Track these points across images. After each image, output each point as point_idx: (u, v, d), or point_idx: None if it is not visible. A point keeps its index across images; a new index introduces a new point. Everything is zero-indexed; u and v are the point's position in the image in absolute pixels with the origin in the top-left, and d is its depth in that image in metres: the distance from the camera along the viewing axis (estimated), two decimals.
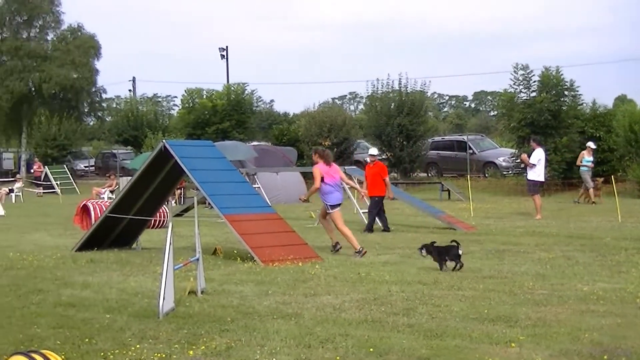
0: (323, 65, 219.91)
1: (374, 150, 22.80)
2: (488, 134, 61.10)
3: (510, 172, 40.39)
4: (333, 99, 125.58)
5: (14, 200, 39.08)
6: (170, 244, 10.04)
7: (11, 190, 40.13)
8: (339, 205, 16.61)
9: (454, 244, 13.72)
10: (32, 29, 64.94)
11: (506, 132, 42.08)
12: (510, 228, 20.99)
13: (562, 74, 36.59)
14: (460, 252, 13.61)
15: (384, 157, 43.65)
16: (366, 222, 22.27)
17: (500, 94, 42.49)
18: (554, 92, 36.02)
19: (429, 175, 45.81)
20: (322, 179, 16.30)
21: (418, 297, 10.82)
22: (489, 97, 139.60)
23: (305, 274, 13.06)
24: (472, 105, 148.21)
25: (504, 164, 41.66)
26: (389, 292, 11.29)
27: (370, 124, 45.11)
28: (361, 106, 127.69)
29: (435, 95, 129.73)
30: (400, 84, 43.53)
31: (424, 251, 14.06)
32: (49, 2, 64.29)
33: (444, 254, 13.75)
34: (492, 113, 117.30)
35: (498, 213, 26.34)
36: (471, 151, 42.84)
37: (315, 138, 44.61)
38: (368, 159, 22.46)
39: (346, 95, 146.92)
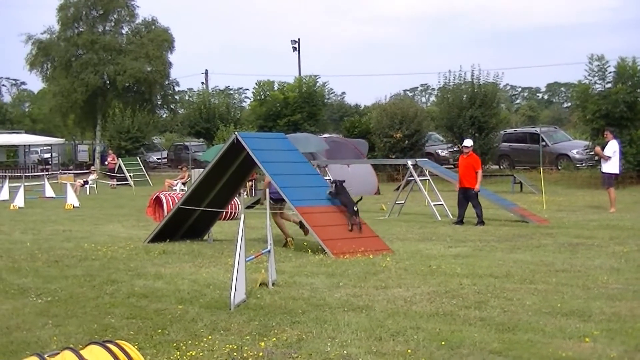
0: (394, 57, 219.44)
1: (468, 142, 22.02)
2: (561, 126, 60.44)
3: (583, 164, 39.82)
4: (404, 90, 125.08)
5: (88, 192, 39.66)
6: (242, 235, 10.09)
7: (86, 182, 40.73)
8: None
9: (357, 200, 15.40)
10: (107, 22, 65.87)
11: (580, 124, 41.51)
12: (583, 221, 20.70)
13: (638, 65, 35.86)
14: (355, 209, 15.08)
15: (455, 149, 43.50)
16: (437, 214, 22.23)
17: (574, 85, 41.92)
18: (630, 83, 35.33)
19: (501, 167, 45.42)
20: None
21: (490, 290, 10.73)
22: (562, 88, 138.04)
23: (376, 266, 13.03)
24: (545, 97, 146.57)
25: (577, 156, 41.12)
26: (460, 285, 11.21)
27: (441, 116, 44.82)
28: (432, 98, 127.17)
29: (508, 87, 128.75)
30: (472, 75, 43.26)
31: (333, 186, 15.62)
32: None
33: (347, 202, 15.31)
34: (565, 105, 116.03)
35: (571, 206, 25.99)
36: (544, 143, 42.34)
37: (387, 130, 44.55)
38: (463, 150, 21.86)
39: (417, 87, 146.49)
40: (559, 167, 41.90)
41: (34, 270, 13.29)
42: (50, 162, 68.05)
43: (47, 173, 50.82)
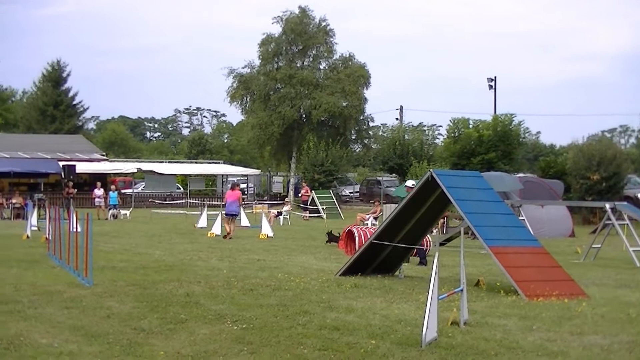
0: (592, 96, 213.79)
1: (409, 182, 22.45)
2: None
3: None
4: (602, 131, 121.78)
5: (281, 223, 40.41)
6: (435, 273, 10.06)
7: (280, 213, 41.54)
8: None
9: None
10: (306, 58, 67.28)
11: None
12: None
13: None
14: None
15: None
16: (636, 260, 21.47)
17: None
18: None
19: None
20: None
21: None
22: None
23: (571, 311, 12.70)
24: None
25: None
26: None
27: None
28: (632, 140, 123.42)
29: None
30: None
31: None
32: (324, 33, 66.47)
33: None
34: None
35: None
36: None
37: (583, 171, 43.50)
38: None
39: (616, 128, 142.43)
40: None
41: (230, 298, 13.66)
42: (246, 192, 69.98)
43: (243, 203, 52.16)
